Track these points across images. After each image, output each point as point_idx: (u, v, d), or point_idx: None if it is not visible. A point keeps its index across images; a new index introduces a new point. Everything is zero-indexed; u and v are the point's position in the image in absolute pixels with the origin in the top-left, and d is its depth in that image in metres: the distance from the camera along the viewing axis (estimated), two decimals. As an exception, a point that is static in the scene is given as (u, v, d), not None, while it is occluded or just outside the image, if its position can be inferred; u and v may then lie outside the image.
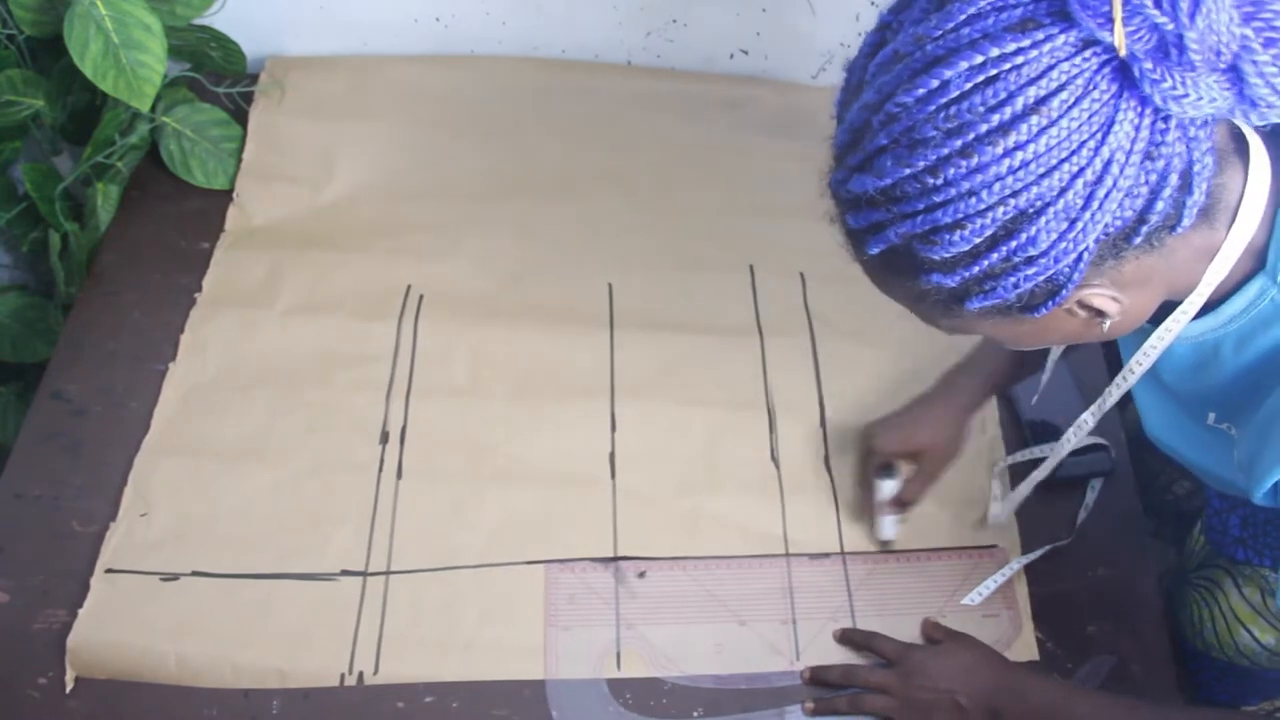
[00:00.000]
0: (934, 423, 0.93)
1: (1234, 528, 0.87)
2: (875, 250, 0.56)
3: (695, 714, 0.86)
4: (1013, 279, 0.53)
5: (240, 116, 1.18)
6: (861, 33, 1.21)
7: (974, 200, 0.50)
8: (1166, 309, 0.63)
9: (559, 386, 1.03)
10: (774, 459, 0.99)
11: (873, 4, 1.19)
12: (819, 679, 0.88)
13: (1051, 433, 0.97)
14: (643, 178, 1.20)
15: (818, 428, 1.01)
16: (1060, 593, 0.93)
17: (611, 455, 0.99)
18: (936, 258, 0.53)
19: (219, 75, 1.21)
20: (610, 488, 0.97)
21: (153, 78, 1.01)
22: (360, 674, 0.86)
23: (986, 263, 0.53)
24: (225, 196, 1.15)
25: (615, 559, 0.93)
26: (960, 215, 0.51)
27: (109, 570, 0.90)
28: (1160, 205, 0.51)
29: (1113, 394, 0.71)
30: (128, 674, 0.86)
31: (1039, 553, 0.94)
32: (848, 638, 0.90)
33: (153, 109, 1.09)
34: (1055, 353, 0.86)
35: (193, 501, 0.94)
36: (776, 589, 0.92)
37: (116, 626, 0.87)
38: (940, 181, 0.51)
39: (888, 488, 0.93)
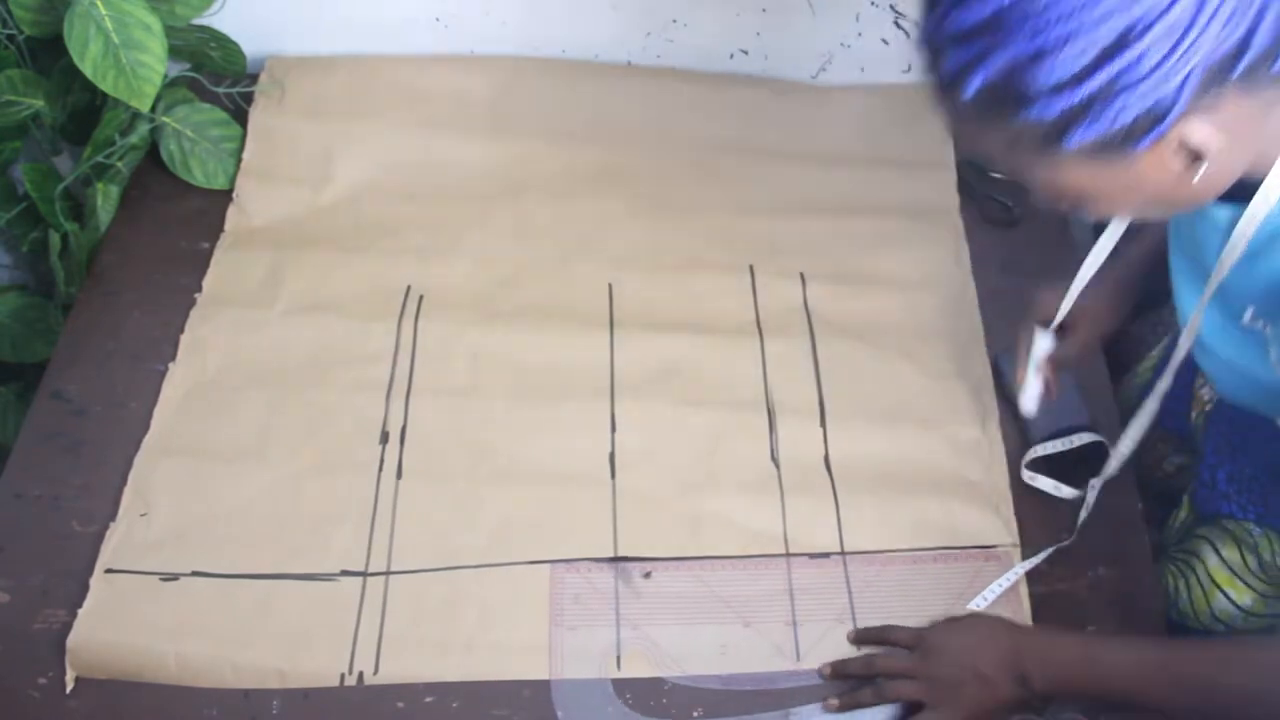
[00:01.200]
0: (1098, 292, 0.93)
1: (1221, 483, 0.89)
2: (974, 87, 0.55)
3: (695, 714, 0.86)
4: (1116, 103, 0.53)
5: (240, 116, 1.18)
6: (862, 33, 1.22)
7: (1079, 18, 0.51)
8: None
9: (559, 387, 1.02)
10: (774, 459, 0.99)
11: (873, 4, 1.19)
12: (840, 673, 0.87)
13: (1056, 430, 0.98)
14: (643, 178, 1.19)
15: (818, 428, 1.01)
16: (1060, 593, 0.93)
17: (612, 455, 0.99)
18: (1039, 85, 0.53)
19: (219, 75, 1.21)
20: (611, 488, 0.97)
21: (153, 78, 1.01)
22: (360, 674, 0.86)
23: (1090, 86, 0.53)
24: (225, 196, 1.15)
25: (616, 559, 0.93)
26: (1065, 34, 0.52)
27: (109, 570, 0.90)
28: (1259, 37, 0.52)
29: (1205, 297, 0.71)
30: (128, 674, 0.86)
31: (1042, 555, 0.94)
32: (863, 637, 0.90)
33: (153, 109, 1.09)
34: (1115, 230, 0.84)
35: (193, 501, 0.94)
36: (779, 590, 0.92)
37: (116, 627, 0.87)
38: (1045, 2, 0.51)
39: (1044, 343, 0.95)
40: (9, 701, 0.85)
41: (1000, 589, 0.92)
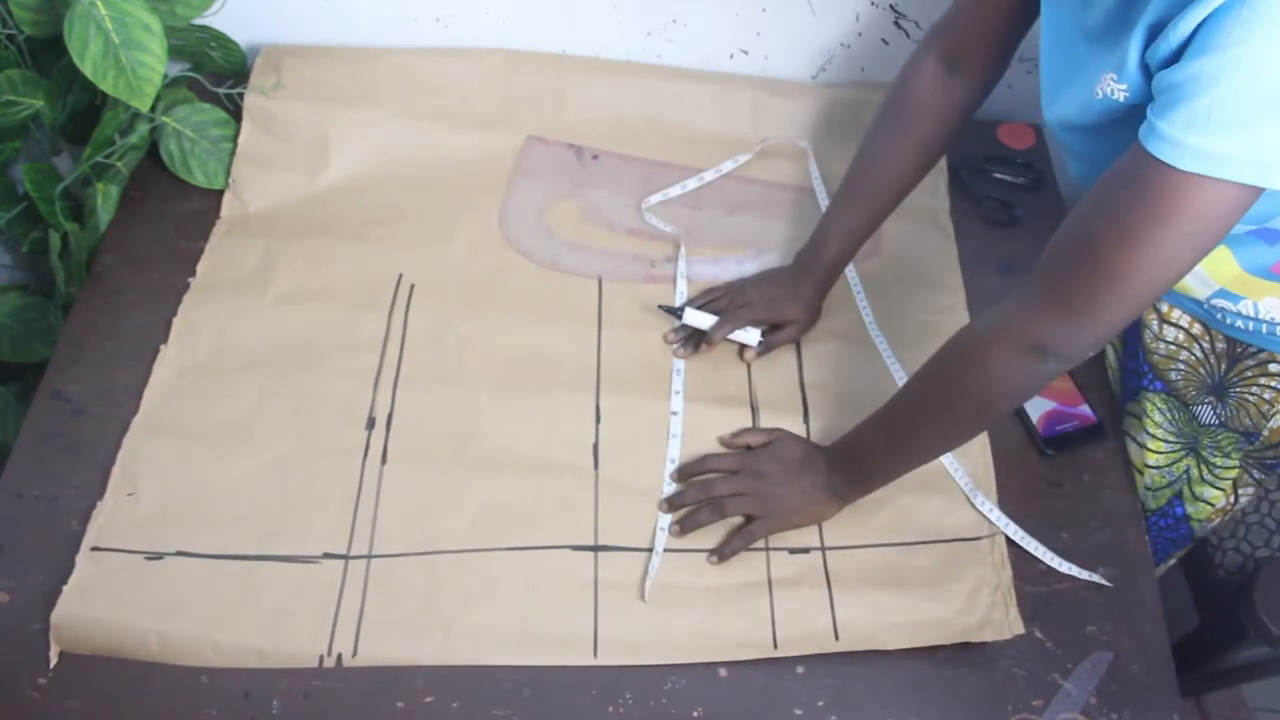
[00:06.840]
0: (802, 298, 1.05)
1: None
2: None
3: (696, 714, 0.86)
4: None
5: (240, 116, 1.18)
6: (862, 33, 1.22)
7: None
8: None
9: (545, 378, 1.03)
10: (757, 455, 0.99)
11: (873, 4, 1.19)
12: (677, 503, 0.95)
13: None
14: None
15: (801, 424, 1.01)
16: (1060, 592, 0.93)
17: (595, 446, 0.99)
18: None
19: (219, 75, 1.22)
20: (593, 478, 0.97)
21: (153, 78, 1.01)
22: (339, 656, 0.86)
23: None
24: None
25: (596, 548, 0.93)
26: None
27: (95, 548, 0.90)
28: None
29: None
30: (110, 650, 0.87)
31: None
32: (685, 470, 0.97)
33: (153, 109, 1.10)
34: None
35: (179, 482, 0.95)
36: (756, 581, 0.92)
37: (100, 603, 0.88)
38: None
39: (751, 336, 1.04)
40: (9, 701, 0.85)
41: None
